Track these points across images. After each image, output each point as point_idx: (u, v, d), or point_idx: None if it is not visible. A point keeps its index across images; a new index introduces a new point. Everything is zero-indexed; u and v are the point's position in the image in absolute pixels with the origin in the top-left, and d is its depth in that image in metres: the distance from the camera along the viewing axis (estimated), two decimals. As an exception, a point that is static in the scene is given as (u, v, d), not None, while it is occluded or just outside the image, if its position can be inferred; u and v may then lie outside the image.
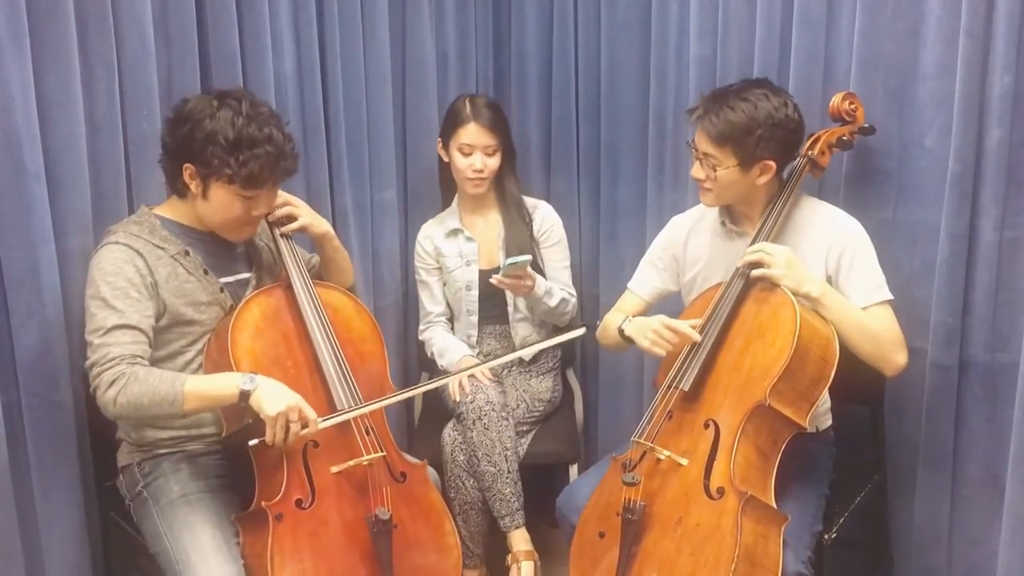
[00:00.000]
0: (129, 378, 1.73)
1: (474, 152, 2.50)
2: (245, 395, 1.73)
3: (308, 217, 2.07)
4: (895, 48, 2.06)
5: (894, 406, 2.16)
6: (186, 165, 1.84)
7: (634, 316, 2.21)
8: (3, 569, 1.88)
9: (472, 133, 2.49)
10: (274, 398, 1.73)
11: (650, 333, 1.99)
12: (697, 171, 2.00)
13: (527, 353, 2.54)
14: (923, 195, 2.05)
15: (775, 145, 1.95)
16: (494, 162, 2.53)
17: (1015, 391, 1.85)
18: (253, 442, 1.76)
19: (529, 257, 2.33)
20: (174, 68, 2.13)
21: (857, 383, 1.98)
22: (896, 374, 1.93)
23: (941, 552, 2.12)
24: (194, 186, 1.86)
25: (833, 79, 2.19)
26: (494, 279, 2.37)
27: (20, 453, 1.91)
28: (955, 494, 2.08)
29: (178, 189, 1.91)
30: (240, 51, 2.24)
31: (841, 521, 2.06)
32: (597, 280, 2.86)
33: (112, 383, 1.73)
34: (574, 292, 2.63)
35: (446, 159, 2.58)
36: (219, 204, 1.87)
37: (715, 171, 1.95)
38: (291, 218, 2.04)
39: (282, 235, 2.02)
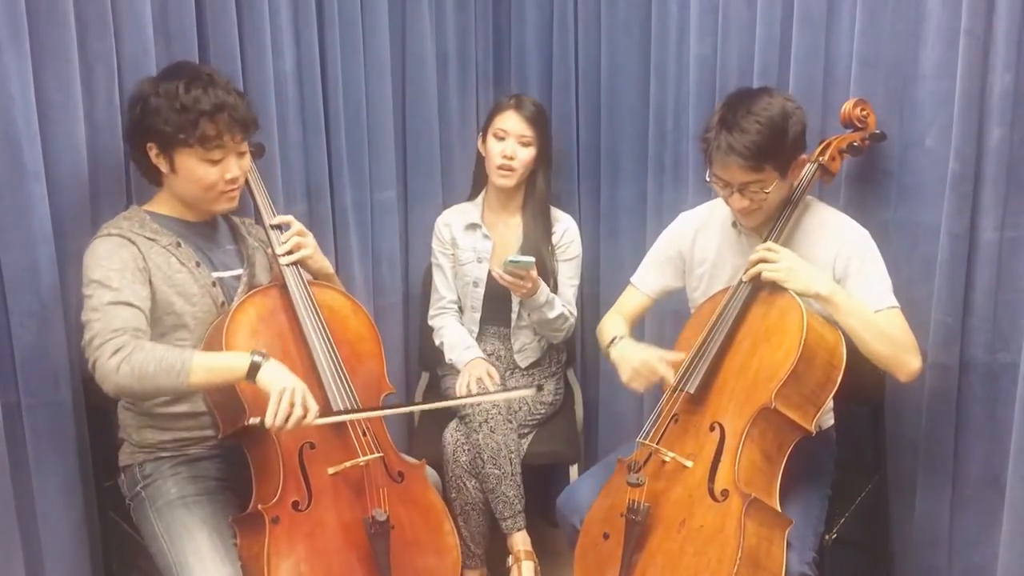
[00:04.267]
0: (135, 347, 1.71)
1: (508, 138, 2.51)
2: (255, 367, 1.71)
3: (312, 251, 2.05)
4: (895, 48, 2.06)
5: (894, 406, 2.15)
6: (148, 145, 1.86)
7: (637, 313, 2.24)
8: (3, 569, 1.88)
9: (509, 120, 2.52)
10: (283, 375, 1.73)
11: (629, 370, 2.01)
12: (739, 202, 1.94)
13: (513, 396, 2.48)
14: (923, 195, 2.05)
15: (800, 139, 1.94)
16: (525, 153, 2.52)
17: (1015, 391, 1.84)
18: (253, 420, 1.72)
19: (532, 259, 2.33)
20: (174, 68, 2.13)
21: (858, 384, 1.97)
22: (910, 379, 1.91)
23: (941, 552, 2.12)
24: (162, 164, 1.87)
25: (833, 79, 2.19)
26: (494, 272, 2.37)
27: (20, 453, 1.91)
28: (955, 494, 2.08)
29: (152, 176, 1.93)
30: (240, 50, 2.24)
31: (842, 521, 2.06)
32: (597, 280, 2.86)
33: (116, 351, 1.70)
34: (575, 312, 2.61)
35: (484, 153, 2.58)
36: (189, 173, 1.87)
37: (765, 193, 1.91)
38: (298, 246, 2.01)
39: (287, 263, 1.99)
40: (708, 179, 1.98)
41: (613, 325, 2.20)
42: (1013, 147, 1.88)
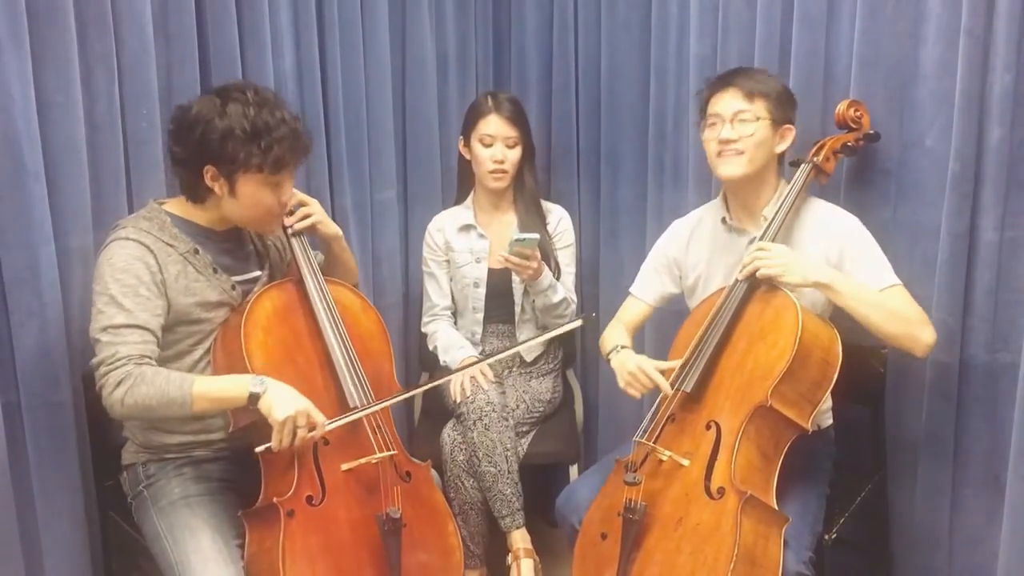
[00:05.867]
0: (136, 379, 1.72)
1: (495, 143, 2.51)
2: (255, 398, 1.73)
3: (320, 216, 2.07)
4: (895, 48, 2.06)
5: (894, 406, 2.15)
6: (207, 168, 1.82)
7: (639, 322, 2.27)
8: (3, 569, 1.88)
9: (493, 124, 2.51)
10: (283, 402, 1.72)
11: (625, 374, 2.03)
12: (729, 132, 2.00)
13: (527, 347, 2.54)
14: (923, 195, 2.05)
15: (792, 114, 2.04)
16: (514, 154, 2.53)
17: (1015, 391, 1.84)
18: (259, 448, 1.75)
19: (537, 236, 2.35)
20: (174, 68, 2.13)
21: (857, 383, 1.97)
22: (927, 353, 1.91)
23: (941, 552, 2.12)
24: (218, 187, 1.84)
25: (833, 79, 2.19)
26: (501, 254, 2.37)
27: (20, 453, 1.91)
28: (955, 494, 2.08)
29: (198, 195, 1.88)
30: (240, 51, 2.25)
31: (841, 521, 2.06)
32: (597, 280, 2.86)
33: (119, 383, 1.72)
34: (575, 298, 2.63)
35: (468, 156, 2.59)
36: (249, 198, 1.85)
37: (755, 122, 1.97)
38: (304, 215, 2.04)
39: (294, 232, 2.00)
40: (699, 125, 2.08)
41: (616, 334, 2.23)
42: (1013, 147, 1.88)
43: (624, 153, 2.75)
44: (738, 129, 1.99)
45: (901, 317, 1.89)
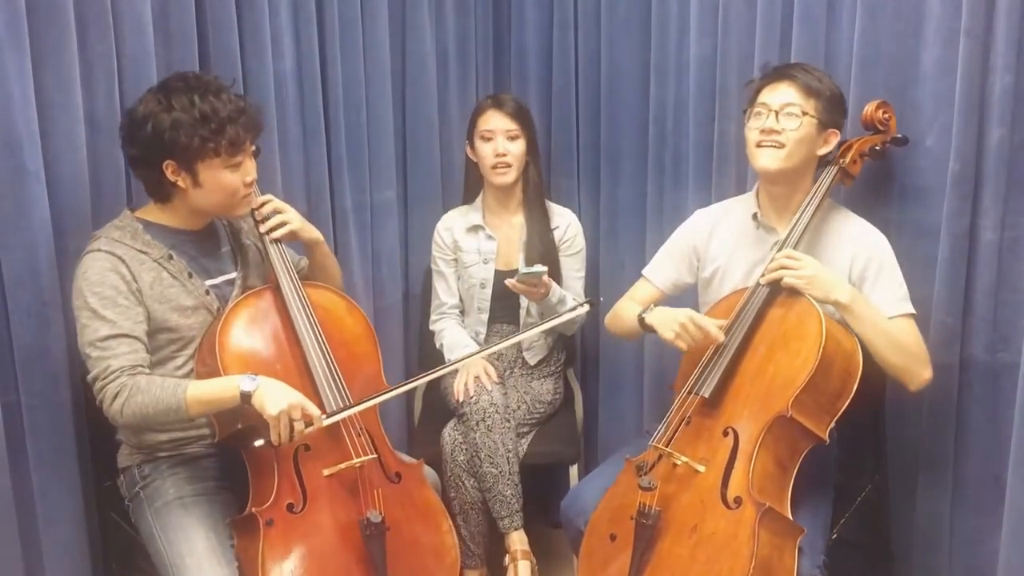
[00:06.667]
0: (132, 389, 1.74)
1: (495, 137, 2.51)
2: (247, 396, 1.72)
3: (298, 223, 2.04)
4: (895, 48, 2.06)
5: (895, 406, 2.15)
6: (166, 163, 1.82)
7: (648, 303, 2.19)
8: (3, 569, 1.88)
9: (491, 118, 2.52)
10: (276, 397, 1.72)
11: (675, 326, 1.95)
12: (773, 123, 1.96)
13: (531, 335, 2.53)
14: (923, 195, 2.05)
15: (841, 120, 2.01)
16: (516, 147, 2.52)
17: (1015, 391, 1.84)
18: (259, 442, 1.74)
19: (545, 268, 2.34)
20: (174, 68, 2.11)
21: (858, 383, 1.97)
22: (919, 389, 1.93)
23: (942, 552, 2.12)
24: (181, 180, 1.84)
25: (833, 79, 2.18)
26: (508, 283, 2.38)
27: (20, 453, 1.91)
28: (956, 494, 2.08)
29: (164, 193, 1.88)
30: (240, 51, 2.25)
31: (842, 521, 2.05)
32: (597, 280, 2.85)
33: (116, 396, 1.74)
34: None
35: (474, 159, 2.59)
36: (213, 184, 1.85)
37: (801, 117, 1.94)
38: (280, 223, 2.01)
39: (274, 240, 1.99)
40: (744, 113, 2.04)
41: (631, 306, 2.18)
42: (1013, 147, 1.88)
43: (624, 153, 2.75)
44: (783, 122, 1.96)
45: (906, 351, 1.90)
